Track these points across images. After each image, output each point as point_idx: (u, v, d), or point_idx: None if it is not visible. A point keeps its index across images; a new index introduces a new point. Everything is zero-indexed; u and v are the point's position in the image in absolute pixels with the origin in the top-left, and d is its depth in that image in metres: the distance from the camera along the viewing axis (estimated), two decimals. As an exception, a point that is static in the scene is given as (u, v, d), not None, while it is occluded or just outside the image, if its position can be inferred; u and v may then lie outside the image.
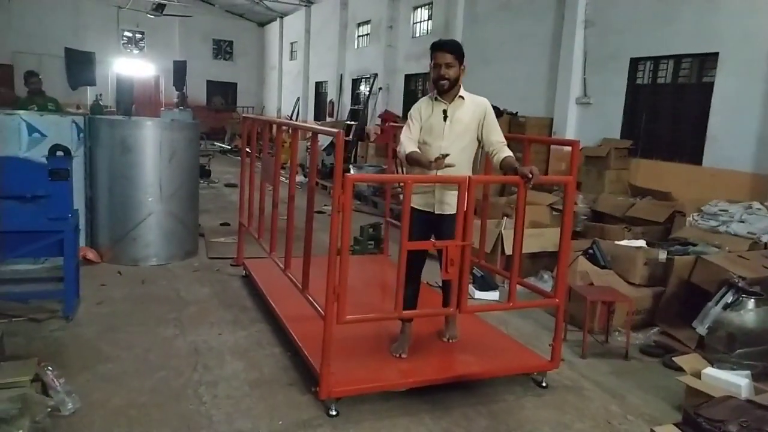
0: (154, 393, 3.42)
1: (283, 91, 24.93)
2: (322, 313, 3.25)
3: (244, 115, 5.61)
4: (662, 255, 5.03)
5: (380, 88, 15.95)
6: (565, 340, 4.56)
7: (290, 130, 7.81)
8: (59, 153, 4.57)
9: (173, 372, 3.69)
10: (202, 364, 3.82)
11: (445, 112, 3.72)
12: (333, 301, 3.16)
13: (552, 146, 9.60)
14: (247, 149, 5.65)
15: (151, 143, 5.89)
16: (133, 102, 24.43)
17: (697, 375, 3.50)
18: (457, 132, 3.72)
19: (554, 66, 9.85)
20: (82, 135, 5.86)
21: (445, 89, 3.70)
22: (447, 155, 3.48)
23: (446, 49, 3.68)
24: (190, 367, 3.78)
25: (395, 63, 15.54)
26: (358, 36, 18.07)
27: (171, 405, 3.30)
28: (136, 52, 25.77)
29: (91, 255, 5.93)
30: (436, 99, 3.77)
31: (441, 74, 3.65)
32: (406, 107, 14.46)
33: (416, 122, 3.81)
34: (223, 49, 27.45)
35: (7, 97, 14.86)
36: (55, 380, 3.12)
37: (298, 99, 22.22)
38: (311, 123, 21.17)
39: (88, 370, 3.65)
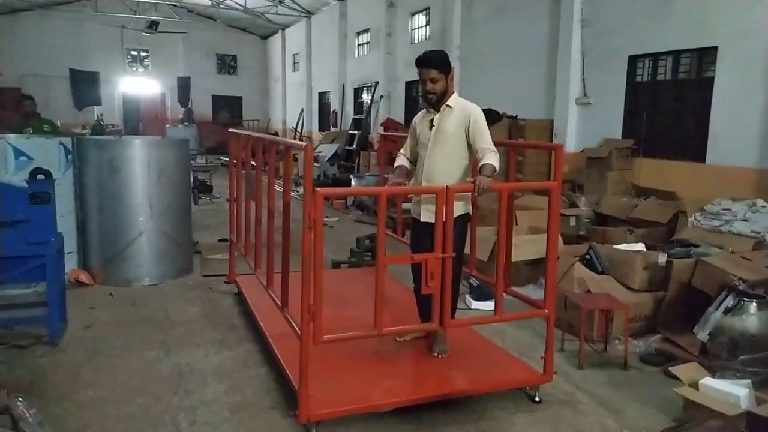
0: (131, 421, 3.33)
1: (288, 103, 24.99)
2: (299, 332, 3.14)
3: (230, 130, 5.55)
4: (662, 258, 4.86)
5: (381, 96, 15.89)
6: (562, 351, 4.43)
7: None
8: (40, 176, 4.52)
9: (153, 398, 3.60)
10: (183, 389, 3.73)
11: (431, 122, 3.83)
12: (308, 321, 3.05)
13: (553, 148, 9.44)
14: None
15: (139, 162, 5.84)
16: (140, 120, 24.67)
17: (696, 385, 3.35)
18: (441, 141, 3.79)
19: (552, 67, 9.72)
20: (70, 156, 5.83)
21: (433, 102, 3.81)
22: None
23: (430, 64, 3.76)
24: (171, 391, 3.68)
25: (395, 70, 15.48)
26: (358, 45, 18.06)
27: (147, 433, 3.21)
28: (141, 70, 26.01)
29: (83, 277, 5.88)
30: (427, 111, 3.92)
31: (427, 90, 3.79)
32: (408, 114, 14.41)
33: (411, 137, 4.04)
34: (227, 64, 27.60)
35: (12, 120, 14.97)
36: (25, 411, 3.03)
37: (302, 110, 22.23)
38: (315, 134, 21.18)
39: (67, 397, 3.58)
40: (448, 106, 3.77)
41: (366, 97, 17.19)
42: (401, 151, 4.02)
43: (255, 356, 4.27)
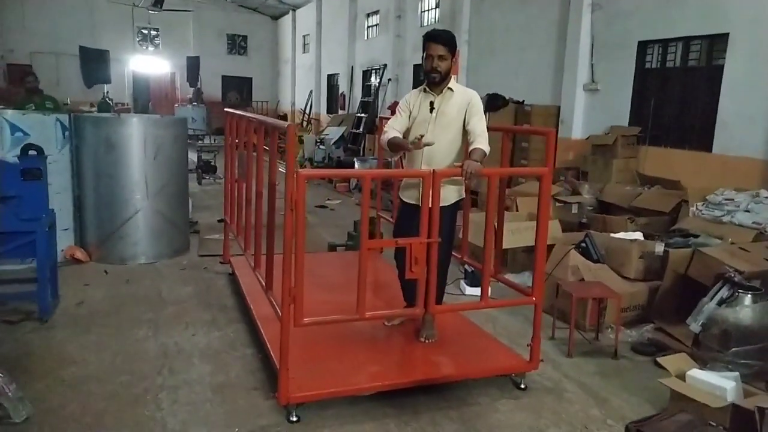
0: (113, 399, 3.33)
1: (297, 85, 24.85)
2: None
3: (225, 109, 5.53)
4: (658, 247, 4.79)
5: (389, 80, 15.74)
6: (552, 339, 4.40)
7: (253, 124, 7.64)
8: (32, 152, 4.51)
9: (137, 376, 3.60)
10: (168, 368, 3.73)
11: (432, 104, 3.71)
12: (289, 303, 3.02)
13: (559, 136, 9.31)
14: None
15: (135, 140, 5.82)
16: (149, 99, 24.64)
17: (683, 376, 3.30)
18: (443, 124, 3.70)
19: (561, 52, 9.54)
20: (67, 133, 5.81)
21: (436, 81, 3.69)
22: (423, 136, 3.52)
23: (439, 41, 3.63)
24: (156, 371, 3.69)
25: (404, 53, 15.31)
26: (368, 27, 17.87)
27: (127, 411, 3.21)
28: (151, 49, 25.93)
29: (79, 254, 5.90)
30: (425, 91, 3.78)
31: (433, 66, 3.64)
32: (415, 98, 14.23)
33: (404, 113, 3.82)
34: (237, 44, 27.44)
35: (19, 97, 14.98)
36: (5, 387, 3.04)
37: (311, 92, 22.12)
38: (324, 116, 21.08)
39: (52, 374, 3.59)
40: (450, 89, 3.68)
41: (374, 80, 17.04)
42: (392, 124, 3.77)
43: (243, 337, 4.26)
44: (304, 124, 21.60)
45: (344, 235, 7.06)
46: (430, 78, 3.69)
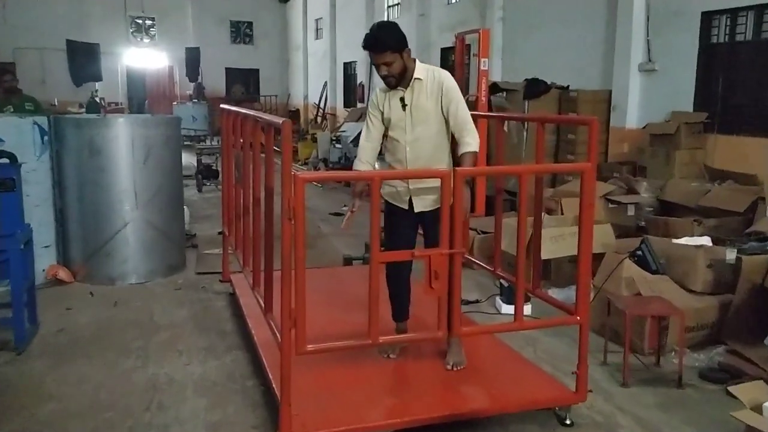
0: (93, 439, 3.35)
1: (310, 75, 25.04)
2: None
3: (221, 106, 5.56)
4: (730, 255, 4.64)
5: (414, 66, 15.73)
6: (605, 364, 4.29)
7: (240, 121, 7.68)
8: (4, 160, 4.59)
9: (122, 413, 3.61)
10: (157, 403, 3.73)
11: (402, 100, 3.75)
12: (289, 327, 2.99)
13: (611, 125, 9.20)
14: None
15: (122, 143, 5.88)
16: (146, 97, 25.08)
17: (760, 408, 3.17)
18: (420, 120, 3.74)
19: (611, 28, 9.44)
20: (46, 138, 5.91)
21: (393, 85, 3.72)
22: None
23: (378, 49, 3.64)
24: (143, 406, 3.69)
25: (429, 35, 15.28)
26: (388, 6, 17.96)
27: (109, 454, 3.22)
28: (146, 40, 26.41)
29: (62, 274, 5.97)
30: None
31: (383, 75, 3.69)
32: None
33: (375, 120, 3.87)
34: (242, 32, 27.80)
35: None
36: (-28, 427, 3.08)
37: (326, 83, 22.24)
38: (340, 110, 21.18)
39: (27, 411, 3.62)
40: (417, 79, 3.68)
41: (397, 67, 17.05)
42: (363, 138, 3.87)
43: (243, 366, 4.25)
44: (318, 120, 21.73)
45: (362, 246, 7.04)
46: (388, 83, 3.72)
